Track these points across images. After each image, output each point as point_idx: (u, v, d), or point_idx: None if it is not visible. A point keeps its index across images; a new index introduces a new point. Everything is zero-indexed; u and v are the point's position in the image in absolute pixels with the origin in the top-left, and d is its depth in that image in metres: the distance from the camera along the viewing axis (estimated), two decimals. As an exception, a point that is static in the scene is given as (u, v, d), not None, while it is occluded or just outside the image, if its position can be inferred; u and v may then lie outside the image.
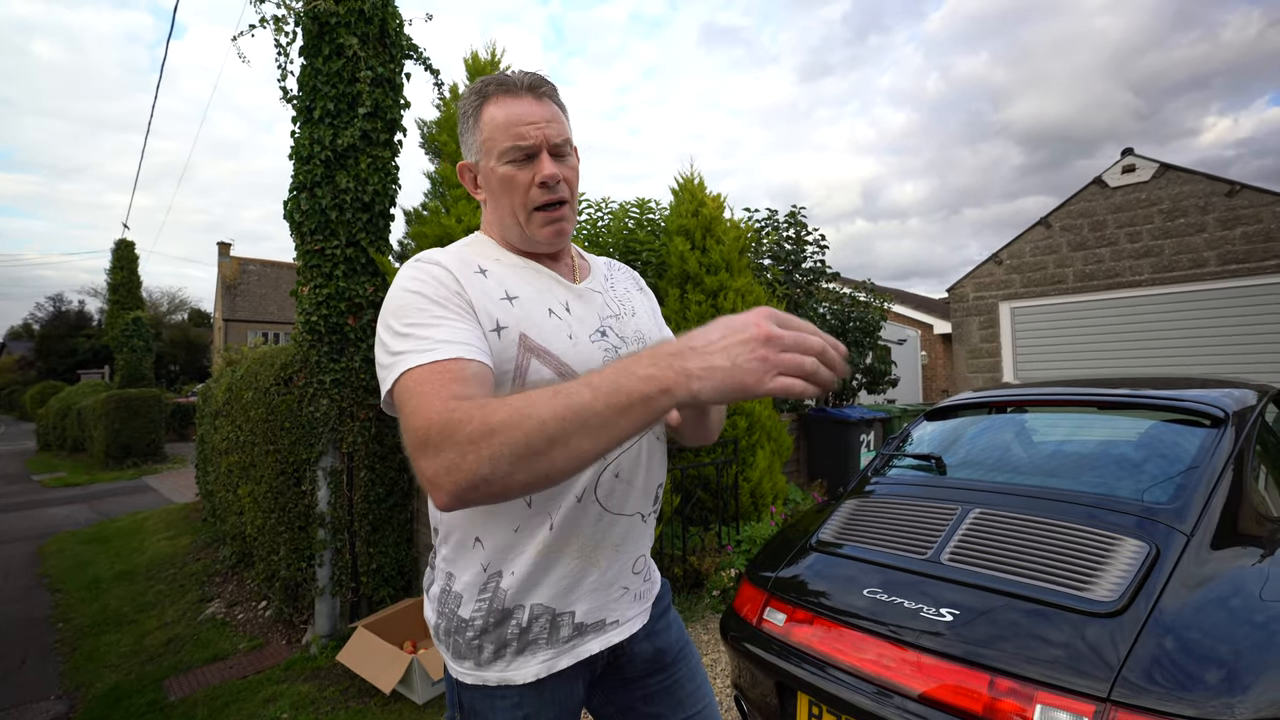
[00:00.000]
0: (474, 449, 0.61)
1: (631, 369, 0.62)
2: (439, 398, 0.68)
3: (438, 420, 0.64)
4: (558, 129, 0.89)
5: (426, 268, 0.84)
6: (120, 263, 16.87)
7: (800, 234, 6.06)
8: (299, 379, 3.46)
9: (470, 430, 0.62)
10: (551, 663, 0.88)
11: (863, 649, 1.53)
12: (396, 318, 0.79)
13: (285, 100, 3.45)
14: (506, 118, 0.87)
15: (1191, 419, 1.94)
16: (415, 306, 0.79)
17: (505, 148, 0.87)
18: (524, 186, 0.88)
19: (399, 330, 0.78)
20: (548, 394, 0.63)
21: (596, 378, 0.63)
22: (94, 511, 7.85)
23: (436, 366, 0.73)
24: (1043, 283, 7.78)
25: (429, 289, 0.81)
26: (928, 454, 2.25)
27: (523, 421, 0.61)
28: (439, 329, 0.77)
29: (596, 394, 0.61)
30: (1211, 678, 1.16)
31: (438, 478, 0.63)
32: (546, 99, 0.90)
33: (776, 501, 4.27)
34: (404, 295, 0.81)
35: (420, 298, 0.80)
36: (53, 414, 15.94)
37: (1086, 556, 1.48)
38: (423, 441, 0.65)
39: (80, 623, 3.99)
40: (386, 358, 0.78)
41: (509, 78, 0.89)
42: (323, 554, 3.35)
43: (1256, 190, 6.42)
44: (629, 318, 0.99)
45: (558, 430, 0.61)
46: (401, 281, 0.83)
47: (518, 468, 0.61)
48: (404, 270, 0.85)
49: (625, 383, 0.61)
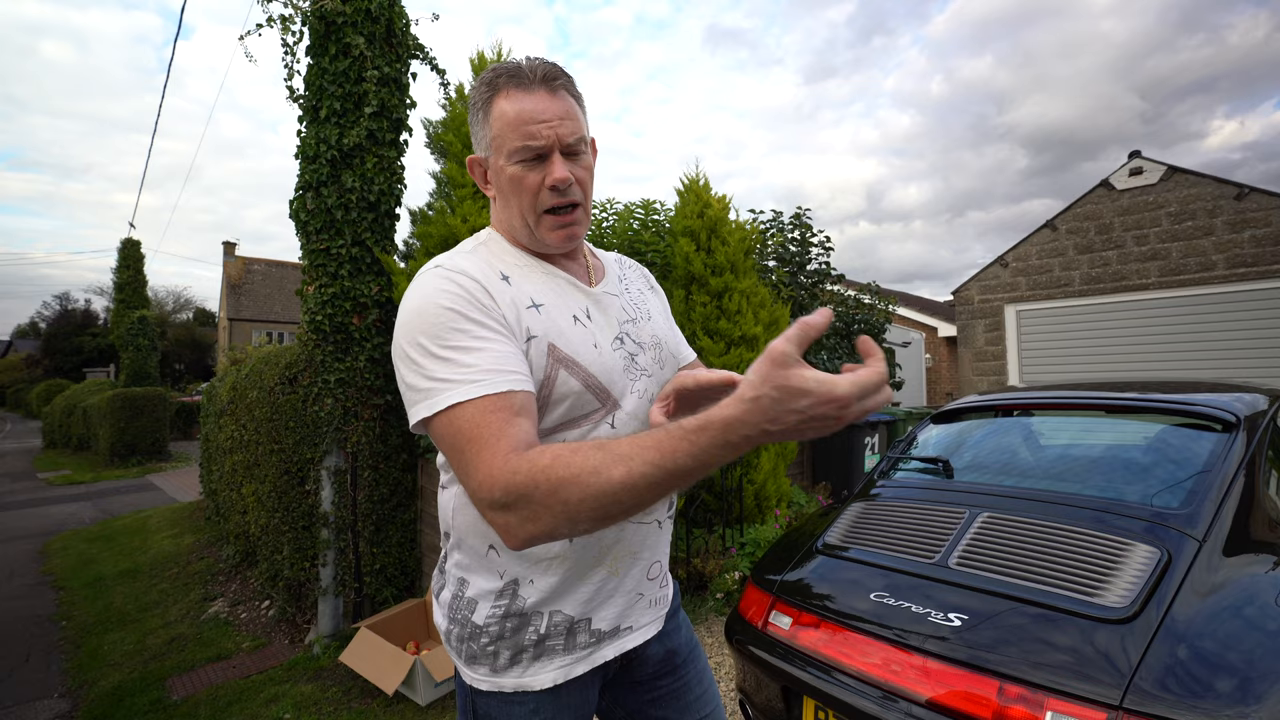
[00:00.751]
0: (548, 512, 0.65)
1: (715, 454, 0.61)
2: (499, 452, 0.68)
3: (502, 481, 0.66)
4: (571, 126, 0.84)
5: (456, 278, 0.79)
6: (126, 262, 16.97)
7: (805, 236, 6.04)
8: (304, 378, 3.46)
9: (541, 495, 0.64)
10: (568, 669, 0.87)
11: (869, 653, 1.51)
12: (431, 337, 0.75)
13: (291, 100, 3.45)
14: (517, 114, 0.81)
15: (1202, 423, 1.92)
16: (452, 326, 0.75)
17: (515, 147, 0.82)
18: (534, 188, 0.83)
19: (436, 353, 0.74)
20: (625, 453, 0.63)
21: (683, 453, 0.61)
22: (98, 510, 7.88)
23: (486, 403, 0.71)
24: (1049, 285, 7.74)
25: (464, 305, 0.76)
26: (934, 457, 2.23)
27: (598, 483, 0.63)
28: (482, 354, 0.74)
29: (674, 475, 0.62)
30: (1225, 687, 1.14)
31: (508, 530, 0.67)
32: (562, 91, 0.85)
33: (781, 504, 4.25)
34: (437, 311, 0.76)
35: (457, 315, 0.75)
36: (58, 412, 16.01)
37: (1097, 562, 1.46)
38: (489, 501, 0.67)
39: (83, 621, 4.00)
40: (422, 381, 0.74)
41: (521, 68, 0.83)
42: (326, 554, 3.34)
43: (1265, 193, 6.37)
44: (645, 321, 0.97)
45: (632, 498, 0.63)
46: (429, 294, 0.77)
47: (589, 523, 0.66)
48: (429, 280, 0.79)
49: (711, 460, 0.61)
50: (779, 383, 0.56)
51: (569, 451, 0.66)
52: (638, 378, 0.91)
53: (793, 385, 0.56)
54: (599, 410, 0.85)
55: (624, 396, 0.88)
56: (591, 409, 0.85)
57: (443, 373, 0.73)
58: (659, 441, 0.62)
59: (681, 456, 0.61)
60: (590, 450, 0.65)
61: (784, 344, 0.57)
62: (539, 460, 0.66)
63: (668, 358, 0.98)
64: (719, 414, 0.60)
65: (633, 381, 0.90)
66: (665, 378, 0.96)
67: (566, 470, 0.64)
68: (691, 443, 0.61)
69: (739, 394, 0.59)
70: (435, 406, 0.72)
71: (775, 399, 0.57)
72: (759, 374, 0.58)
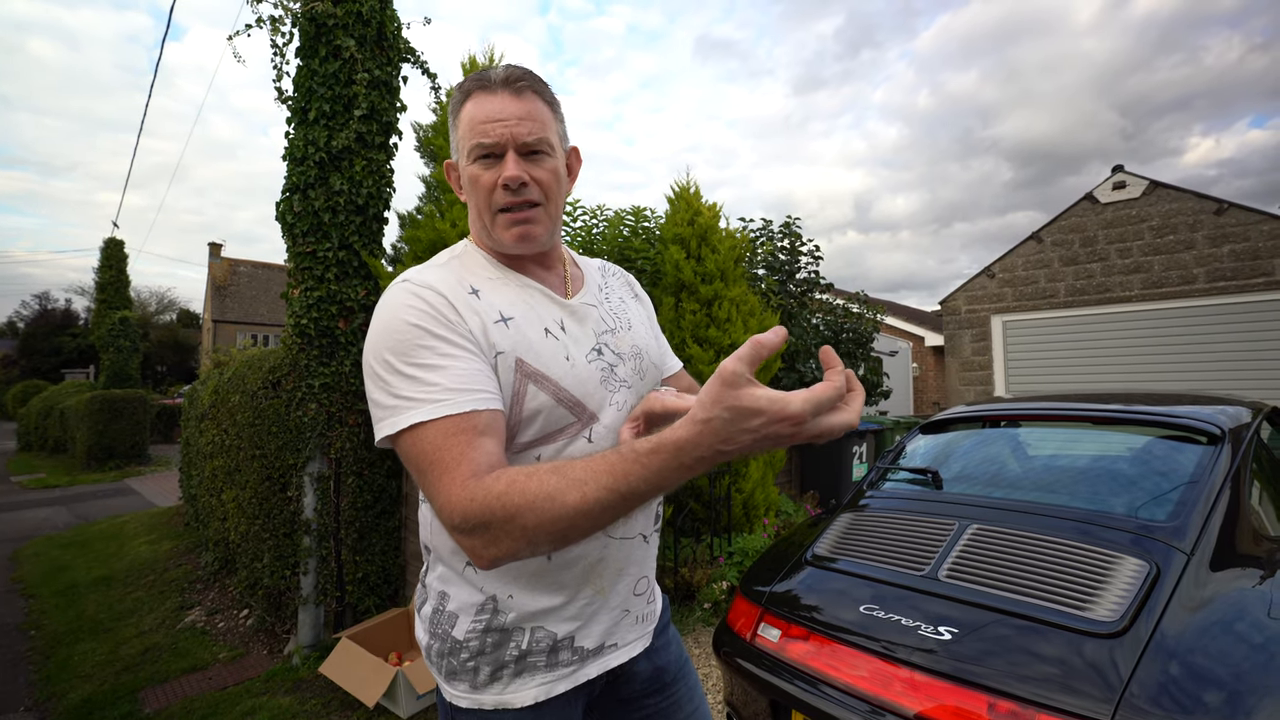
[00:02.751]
0: (507, 537, 0.66)
1: (669, 476, 0.61)
2: (458, 478, 0.68)
3: (460, 508, 0.67)
4: (530, 127, 0.83)
5: (423, 293, 0.78)
6: (109, 262, 16.68)
7: (795, 244, 6.07)
8: (287, 383, 3.40)
9: (499, 522, 0.65)
10: (550, 686, 0.84)
11: (859, 667, 1.50)
12: (397, 354, 0.74)
13: (280, 101, 3.41)
14: (474, 115, 0.83)
15: (1187, 436, 1.94)
16: (417, 342, 0.74)
17: (471, 145, 0.83)
18: (488, 187, 0.84)
19: (401, 370, 0.74)
20: (580, 477, 0.64)
21: (636, 476, 0.62)
22: (73, 514, 7.69)
23: (449, 424, 0.71)
24: (1034, 297, 7.84)
25: (429, 322, 0.76)
26: (924, 468, 2.23)
27: (553, 509, 0.63)
28: (446, 371, 0.73)
29: (628, 497, 0.63)
30: (1216, 701, 1.14)
31: (474, 552, 0.68)
32: (528, 93, 0.84)
33: (769, 513, 4.24)
34: (403, 328, 0.75)
35: (422, 332, 0.75)
36: (35, 414, 15.66)
37: (1087, 575, 1.46)
38: (451, 525, 0.68)
39: (54, 630, 3.88)
40: (386, 398, 0.74)
41: (488, 74, 0.85)
42: (308, 562, 3.28)
43: (1244, 209, 6.51)
44: (625, 331, 0.95)
45: (588, 521, 0.64)
46: (395, 309, 0.77)
47: (549, 546, 0.67)
48: (397, 294, 0.79)
49: (665, 482, 0.62)
50: (730, 403, 0.56)
51: (524, 477, 0.66)
52: (617, 389, 0.89)
53: (744, 405, 0.55)
54: (574, 424, 0.84)
55: (602, 409, 0.86)
56: (566, 423, 0.83)
57: (407, 390, 0.73)
58: (612, 465, 0.63)
59: (635, 480, 0.61)
60: (546, 475, 0.65)
61: (735, 363, 0.56)
62: (494, 487, 0.66)
63: (649, 368, 0.96)
64: (671, 436, 0.60)
65: (611, 393, 0.88)
66: (646, 389, 0.95)
67: (522, 497, 0.64)
68: (644, 465, 0.61)
69: (691, 415, 0.59)
70: (397, 425, 0.72)
71: (727, 420, 0.56)
72: (710, 395, 0.57)
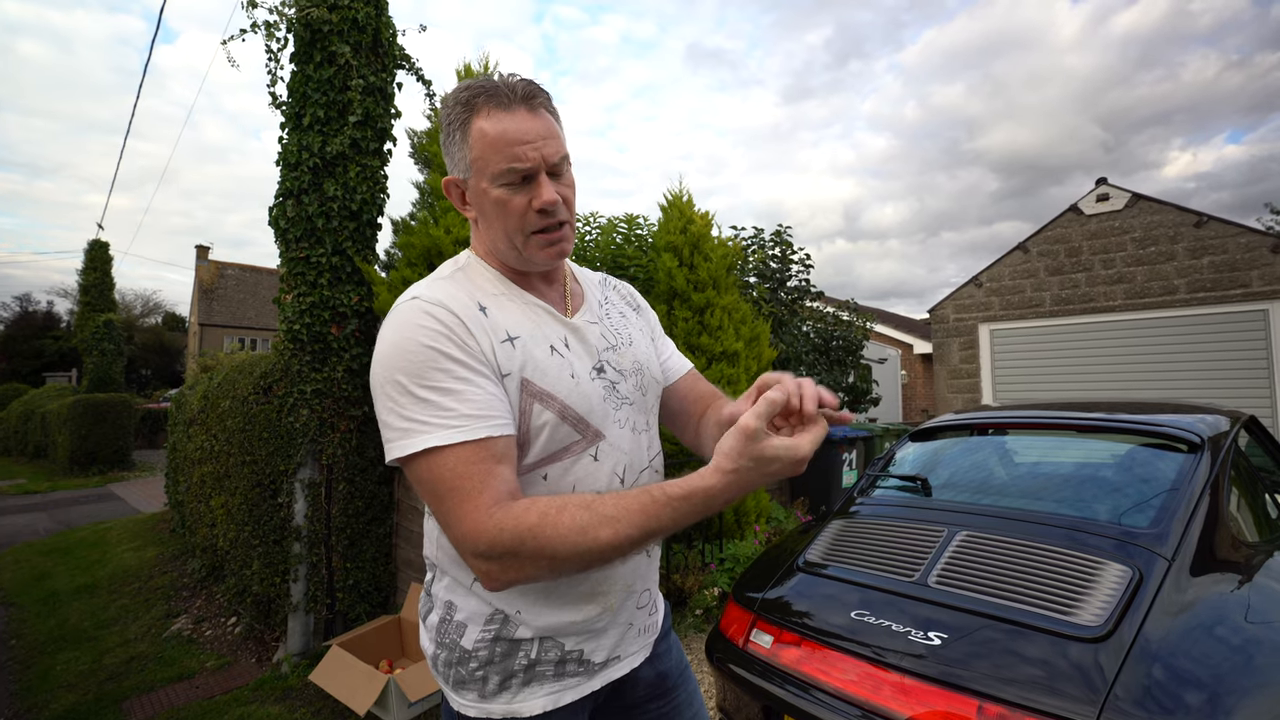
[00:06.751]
0: (533, 565, 0.70)
1: (693, 517, 0.70)
2: (482, 506, 0.71)
3: (488, 537, 0.69)
4: (554, 146, 0.82)
5: (436, 311, 0.77)
6: (93, 263, 16.47)
7: (785, 253, 6.14)
8: (279, 388, 3.38)
9: (528, 552, 0.69)
10: (558, 696, 0.86)
11: (850, 672, 1.52)
12: (410, 375, 0.74)
13: (274, 106, 3.41)
14: (500, 135, 0.79)
15: (1168, 444, 1.98)
16: (431, 365, 0.74)
17: (500, 169, 0.79)
18: (520, 211, 0.81)
19: (415, 392, 0.73)
20: (611, 514, 0.69)
21: (666, 517, 0.69)
22: (54, 521, 7.55)
23: (466, 451, 0.72)
24: (1021, 306, 7.96)
25: (444, 344, 0.75)
26: (913, 475, 2.27)
27: (584, 543, 0.69)
28: (461, 396, 0.74)
29: (653, 535, 0.70)
30: (1196, 701, 1.17)
31: (489, 575, 0.71)
32: (542, 110, 0.82)
33: (760, 520, 4.26)
34: (417, 349, 0.74)
35: (436, 354, 0.74)
36: (15, 418, 15.37)
37: (1072, 580, 1.49)
38: (473, 551, 0.71)
39: (35, 639, 3.81)
40: (398, 420, 0.74)
41: (499, 88, 0.80)
42: (298, 568, 3.25)
43: (1222, 222, 6.66)
44: (626, 348, 0.95)
45: (616, 554, 0.71)
46: (408, 329, 0.76)
47: (571, 574, 0.74)
48: (408, 313, 0.78)
49: (688, 522, 0.70)
50: (754, 454, 0.66)
51: (555, 510, 0.69)
52: (619, 406, 0.90)
53: (765, 455, 0.66)
54: (579, 441, 0.84)
55: (606, 426, 0.87)
56: (571, 441, 0.83)
57: (421, 414, 0.73)
58: (644, 507, 0.69)
59: (665, 520, 0.69)
60: (577, 510, 0.70)
61: (754, 420, 0.66)
62: (525, 519, 0.69)
63: (650, 383, 0.97)
64: (702, 485, 0.68)
65: (614, 410, 0.88)
66: (648, 404, 0.96)
67: (554, 531, 0.68)
68: (675, 509, 0.69)
69: (718, 465, 0.68)
70: (410, 448, 0.73)
71: (751, 469, 0.67)
72: (735, 449, 0.67)
